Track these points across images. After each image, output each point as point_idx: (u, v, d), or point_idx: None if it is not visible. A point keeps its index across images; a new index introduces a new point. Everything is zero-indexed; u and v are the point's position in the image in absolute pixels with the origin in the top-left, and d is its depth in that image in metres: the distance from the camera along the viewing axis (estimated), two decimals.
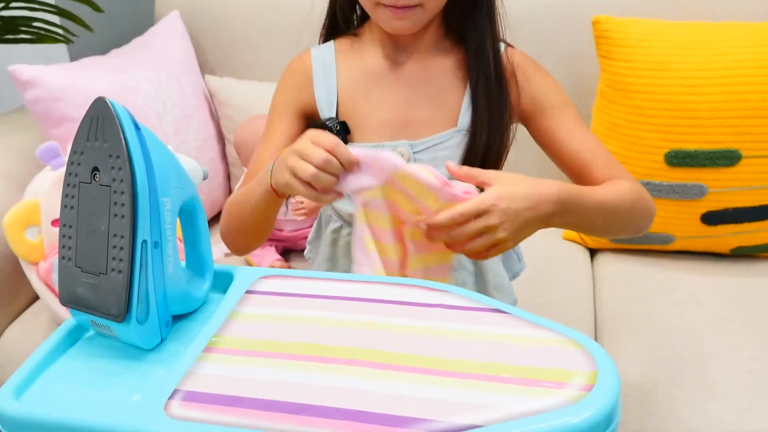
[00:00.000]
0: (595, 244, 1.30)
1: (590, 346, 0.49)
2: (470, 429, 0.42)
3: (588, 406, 0.44)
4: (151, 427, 0.45)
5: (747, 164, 1.11)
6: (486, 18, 0.80)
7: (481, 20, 0.80)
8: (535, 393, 0.45)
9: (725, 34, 1.13)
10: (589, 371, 0.47)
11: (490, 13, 0.80)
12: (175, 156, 0.57)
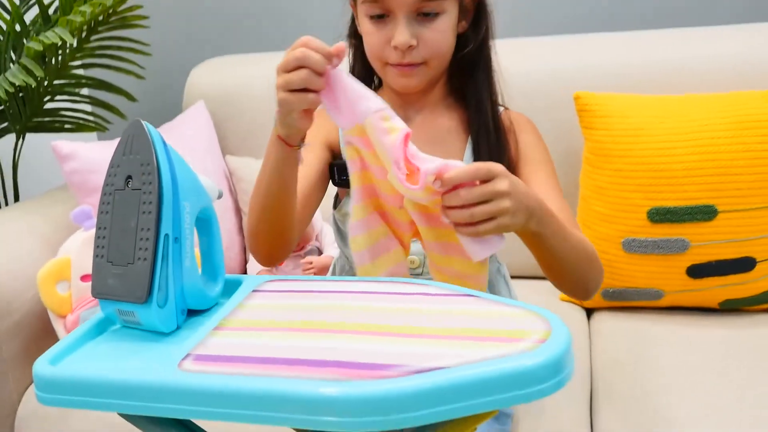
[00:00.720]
0: (590, 304, 1.36)
1: (548, 314, 0.57)
2: (437, 369, 0.49)
3: (540, 353, 0.50)
4: (166, 378, 0.52)
5: (724, 218, 1.19)
6: (484, 76, 0.89)
7: (480, 79, 0.89)
8: (496, 345, 0.52)
9: (692, 104, 1.24)
10: (545, 330, 0.54)
11: (488, 71, 0.90)
12: (195, 173, 0.67)
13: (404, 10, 0.82)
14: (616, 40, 1.47)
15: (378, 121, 0.66)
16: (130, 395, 0.53)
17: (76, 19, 1.29)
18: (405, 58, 0.84)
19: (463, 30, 0.88)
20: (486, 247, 0.67)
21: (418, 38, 0.83)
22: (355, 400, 0.48)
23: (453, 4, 0.84)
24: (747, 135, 1.18)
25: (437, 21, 0.83)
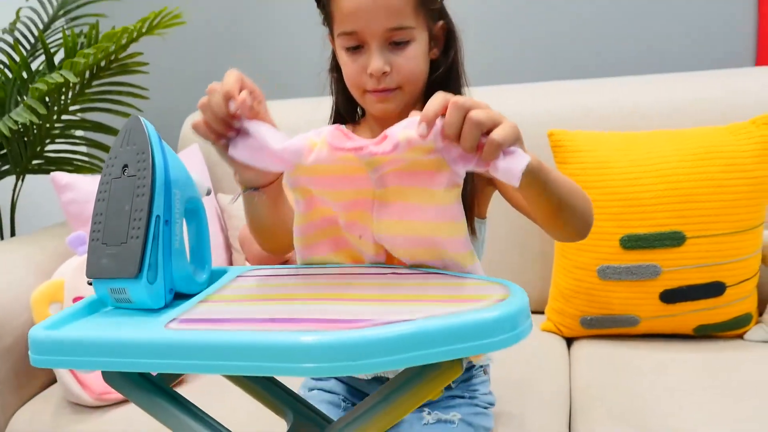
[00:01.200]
0: (570, 333, 1.39)
1: (507, 283, 0.62)
2: (402, 322, 0.54)
3: (498, 309, 0.55)
4: (153, 336, 0.57)
5: (692, 244, 1.24)
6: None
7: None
8: (459, 304, 0.57)
9: (657, 139, 1.32)
10: (504, 293, 0.59)
11: (457, 92, 0.95)
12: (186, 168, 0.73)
13: (376, 40, 0.88)
14: (585, 85, 1.57)
15: (317, 152, 0.63)
16: (119, 353, 0.56)
17: (80, 61, 1.37)
18: (380, 84, 0.89)
19: (435, 56, 0.95)
20: (512, 159, 0.59)
21: (391, 65, 0.89)
22: (328, 347, 0.51)
23: (422, 33, 0.91)
24: (709, 165, 1.25)
25: (408, 48, 0.89)
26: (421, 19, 0.89)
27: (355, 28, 0.88)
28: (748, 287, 1.28)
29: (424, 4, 0.89)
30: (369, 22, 0.87)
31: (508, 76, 1.78)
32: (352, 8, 0.87)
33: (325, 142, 0.61)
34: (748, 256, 1.26)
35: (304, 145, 0.63)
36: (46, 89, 1.38)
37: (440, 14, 0.94)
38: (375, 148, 0.61)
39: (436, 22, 0.93)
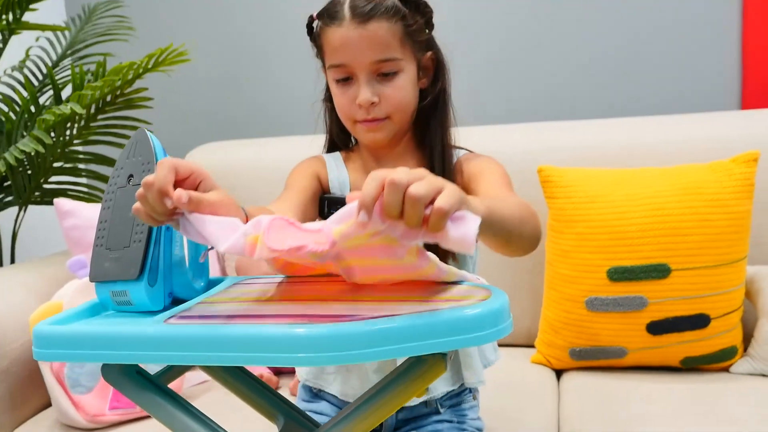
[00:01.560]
0: (559, 365, 1.41)
1: (490, 286, 0.65)
2: (390, 316, 0.57)
3: (480, 306, 0.58)
4: (153, 329, 0.59)
5: (677, 276, 1.28)
6: (437, 125, 0.98)
7: (434, 127, 0.98)
8: (443, 303, 0.60)
9: (643, 175, 1.37)
10: (486, 294, 0.62)
11: (443, 120, 0.99)
12: None
13: (364, 72, 0.92)
14: (576, 125, 1.62)
15: (259, 251, 0.57)
16: (119, 346, 0.59)
17: (88, 94, 1.42)
18: (369, 114, 0.93)
19: (423, 86, 0.99)
20: (462, 226, 0.56)
21: (380, 96, 0.92)
22: (320, 338, 0.54)
23: (410, 63, 0.95)
24: (693, 200, 1.29)
25: (396, 79, 0.93)
26: (407, 50, 0.93)
27: (343, 61, 0.92)
28: (732, 320, 1.31)
29: (411, 36, 0.93)
30: (356, 54, 0.91)
31: (502, 116, 1.84)
32: (340, 42, 0.91)
33: (263, 244, 0.56)
34: (732, 289, 1.30)
35: (245, 244, 0.57)
36: (53, 120, 1.42)
37: (428, 45, 0.98)
38: (314, 246, 0.56)
39: (424, 52, 0.97)
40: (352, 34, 0.90)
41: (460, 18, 1.88)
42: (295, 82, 2.00)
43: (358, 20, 0.90)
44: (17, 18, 1.64)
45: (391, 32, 0.91)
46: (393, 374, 0.62)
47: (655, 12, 1.77)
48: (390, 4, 0.91)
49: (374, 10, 0.90)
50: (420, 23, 0.94)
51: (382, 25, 0.90)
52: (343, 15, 0.91)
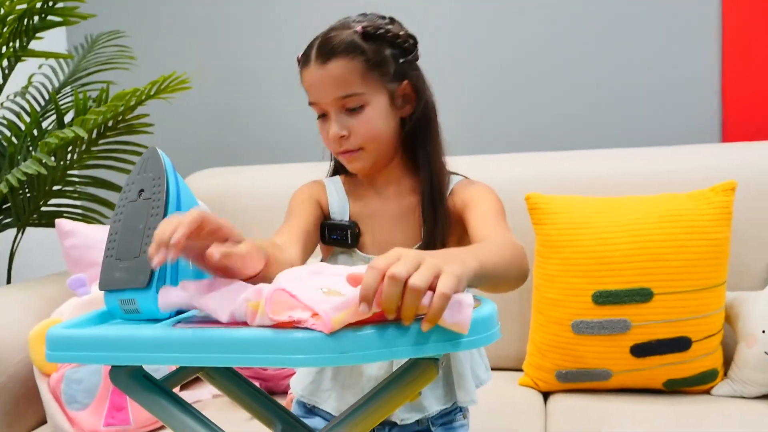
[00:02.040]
0: (546, 387, 1.44)
1: (479, 296, 0.69)
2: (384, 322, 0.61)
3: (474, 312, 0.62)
4: (163, 332, 0.63)
5: (659, 300, 1.32)
6: (424, 149, 1.02)
7: (421, 151, 1.02)
8: None
9: (625, 203, 1.42)
10: (475, 303, 0.66)
11: (426, 145, 1.02)
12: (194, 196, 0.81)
13: (332, 108, 0.97)
14: (563, 156, 1.68)
15: (260, 319, 0.61)
16: (130, 348, 0.63)
17: (91, 118, 1.47)
18: (342, 147, 0.98)
19: (408, 113, 1.02)
20: (458, 312, 0.58)
21: (349, 129, 0.97)
22: (317, 341, 0.58)
23: (378, 95, 0.98)
24: (673, 227, 1.34)
25: (362, 113, 0.97)
26: (372, 83, 0.97)
27: (314, 100, 0.99)
28: (713, 343, 1.35)
29: (375, 68, 0.97)
30: (321, 93, 0.97)
31: (493, 146, 1.90)
32: (309, 82, 0.99)
33: (264, 313, 0.59)
34: (712, 313, 1.34)
35: (246, 310, 0.61)
36: (56, 144, 1.47)
37: (403, 74, 1.00)
38: (311, 324, 0.58)
39: (398, 82, 1.00)
40: (316, 75, 0.97)
41: (453, 51, 1.96)
42: (290, 111, 2.06)
43: (320, 61, 0.96)
44: (23, 45, 1.69)
45: (349, 69, 0.96)
46: (387, 379, 0.66)
47: (639, 49, 1.85)
48: (347, 43, 0.96)
49: (332, 50, 0.95)
50: (385, 55, 0.98)
51: (340, 63, 0.95)
52: (310, 57, 0.97)
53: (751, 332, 1.33)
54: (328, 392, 1.05)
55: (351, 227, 1.02)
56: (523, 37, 1.92)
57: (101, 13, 1.94)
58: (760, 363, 1.31)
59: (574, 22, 1.88)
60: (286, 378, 1.42)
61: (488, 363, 1.11)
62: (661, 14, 1.83)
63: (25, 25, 1.67)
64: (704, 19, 1.80)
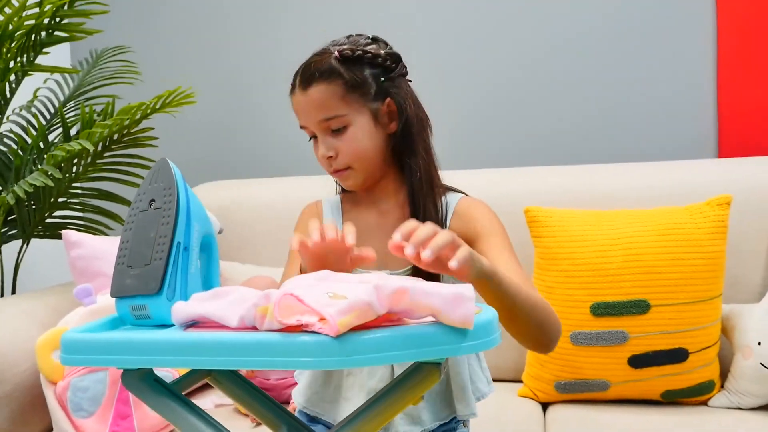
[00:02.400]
0: (545, 398, 1.46)
1: (481, 304, 0.71)
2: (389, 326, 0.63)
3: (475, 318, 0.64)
4: (174, 336, 0.65)
5: (656, 311, 1.34)
6: (408, 164, 1.04)
7: (406, 165, 1.04)
8: None
9: (622, 216, 1.45)
10: (477, 309, 0.68)
11: (413, 159, 1.04)
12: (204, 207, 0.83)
13: (318, 130, 1.02)
14: (560, 170, 1.71)
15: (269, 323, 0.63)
16: (143, 351, 0.64)
17: (98, 131, 1.50)
18: (332, 167, 1.03)
19: (394, 129, 1.04)
20: (459, 304, 0.61)
21: (335, 149, 1.01)
22: (323, 344, 0.60)
23: (360, 115, 1.01)
24: (670, 240, 1.37)
25: (346, 133, 1.01)
26: (353, 104, 1.01)
27: (302, 123, 1.04)
28: (709, 354, 1.37)
29: (354, 90, 1.00)
30: (307, 117, 1.03)
31: (494, 161, 1.93)
32: (295, 108, 1.04)
33: (273, 317, 0.61)
34: (708, 325, 1.36)
35: (255, 314, 0.63)
36: (63, 156, 1.49)
37: (385, 92, 1.03)
38: (318, 328, 0.60)
39: (381, 100, 1.03)
40: (300, 100, 1.02)
41: (451, 65, 1.99)
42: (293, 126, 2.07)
43: (302, 87, 1.01)
44: (30, 60, 1.72)
45: (328, 93, 1.00)
46: (390, 383, 0.68)
47: (636, 65, 1.89)
48: (325, 68, 1.01)
49: (311, 76, 1.01)
50: (363, 76, 1.02)
51: (320, 88, 1.00)
52: (295, 84, 1.03)
53: (747, 344, 1.35)
54: (331, 404, 1.06)
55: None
56: (520, 52, 1.96)
57: (106, 29, 1.97)
58: (757, 375, 1.33)
59: (571, 38, 1.92)
60: (289, 388, 1.43)
61: (490, 376, 1.12)
62: (657, 30, 1.87)
63: (33, 40, 1.70)
64: (700, 35, 1.84)
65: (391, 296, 0.60)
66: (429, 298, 0.61)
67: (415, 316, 0.63)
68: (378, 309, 0.60)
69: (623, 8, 1.89)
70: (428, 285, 0.63)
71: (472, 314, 0.61)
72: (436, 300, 0.61)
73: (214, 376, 0.79)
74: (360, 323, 0.60)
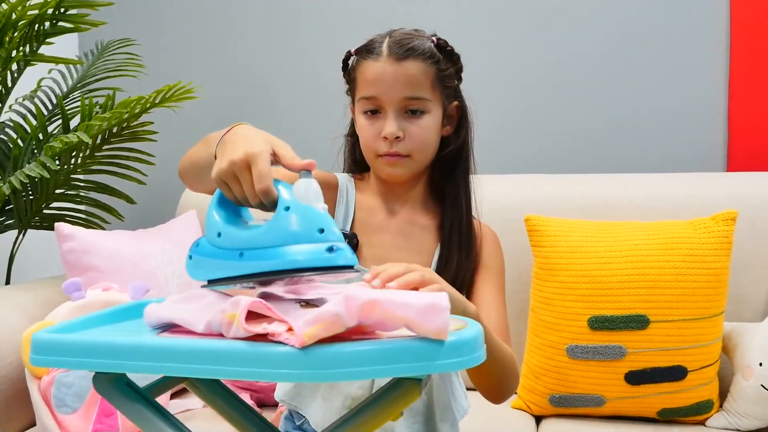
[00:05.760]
0: (539, 411, 1.43)
1: (466, 319, 0.69)
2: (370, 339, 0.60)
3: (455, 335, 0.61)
4: (147, 340, 0.63)
5: (655, 328, 1.31)
6: (462, 177, 1.03)
7: (459, 178, 1.02)
8: None
9: (625, 228, 1.42)
10: (461, 324, 0.66)
11: (466, 173, 1.03)
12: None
13: (393, 107, 0.97)
14: (563, 179, 1.68)
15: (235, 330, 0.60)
16: (113, 355, 0.62)
17: (96, 124, 1.48)
18: (392, 148, 0.97)
19: (447, 134, 1.03)
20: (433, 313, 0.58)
21: (405, 131, 0.97)
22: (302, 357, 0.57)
23: (437, 107, 0.99)
24: (673, 254, 1.34)
25: (422, 119, 0.98)
26: (437, 94, 0.99)
27: (375, 94, 0.98)
28: (709, 373, 1.34)
29: (441, 81, 0.99)
30: (389, 88, 0.97)
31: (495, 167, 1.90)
32: (375, 75, 0.97)
33: (239, 324, 0.59)
34: (709, 343, 1.33)
35: (222, 320, 0.60)
36: (60, 148, 1.48)
37: (455, 94, 1.03)
38: (284, 339, 0.57)
39: (451, 100, 1.02)
40: (388, 69, 0.97)
41: None
42: (299, 122, 2.06)
43: (395, 57, 0.96)
44: (33, 50, 1.71)
45: (424, 73, 0.97)
46: (369, 398, 0.65)
47: (646, 75, 1.85)
48: (427, 48, 0.98)
49: (412, 50, 0.97)
50: (451, 71, 1.01)
51: (417, 65, 0.96)
52: (381, 51, 0.97)
53: (749, 364, 1.32)
54: (309, 398, 1.02)
55: (350, 237, 0.98)
56: (529, 60, 1.93)
57: (112, 21, 1.95)
58: (757, 396, 1.30)
59: (578, 46, 1.89)
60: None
61: (465, 390, 1.07)
62: (669, 40, 1.83)
63: (36, 30, 1.68)
64: (713, 47, 1.80)
65: (361, 308, 0.58)
66: (402, 309, 0.58)
67: (388, 328, 0.61)
68: (347, 321, 0.57)
69: (634, 17, 1.85)
70: (401, 295, 0.60)
71: (446, 325, 0.58)
72: (410, 311, 0.58)
73: (191, 381, 0.77)
74: (328, 335, 0.58)
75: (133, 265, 1.43)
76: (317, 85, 1.99)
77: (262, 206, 0.70)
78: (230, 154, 0.70)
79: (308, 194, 0.68)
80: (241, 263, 0.67)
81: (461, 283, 0.99)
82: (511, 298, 1.12)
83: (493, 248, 1.05)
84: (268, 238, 0.66)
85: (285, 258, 0.65)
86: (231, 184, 0.70)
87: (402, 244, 1.02)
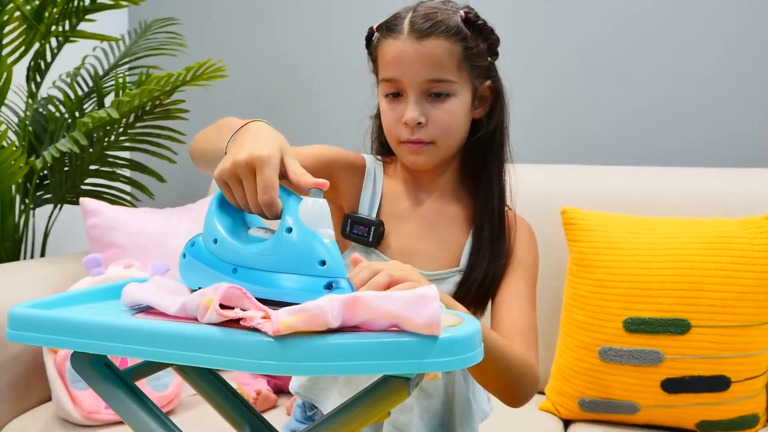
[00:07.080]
0: (568, 415, 1.35)
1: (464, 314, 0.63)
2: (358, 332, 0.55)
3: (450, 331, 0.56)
4: (122, 321, 0.59)
5: (697, 333, 1.22)
6: (496, 164, 0.94)
7: (492, 166, 0.93)
8: None
9: (668, 225, 1.32)
10: (457, 320, 0.60)
11: (500, 159, 0.94)
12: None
13: (415, 90, 0.87)
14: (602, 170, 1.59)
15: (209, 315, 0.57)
16: (89, 335, 0.59)
17: (125, 100, 1.47)
18: (414, 135, 0.87)
19: (479, 116, 0.93)
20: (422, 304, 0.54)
21: (427, 117, 0.87)
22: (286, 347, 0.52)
23: (465, 89, 0.89)
24: (720, 255, 1.24)
25: (447, 102, 0.88)
26: (464, 74, 0.89)
27: (395, 76, 0.88)
28: (756, 386, 1.24)
29: (470, 59, 0.89)
30: (409, 70, 0.87)
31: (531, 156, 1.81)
32: (395, 55, 0.88)
33: (213, 309, 0.56)
34: (757, 353, 1.23)
35: (200, 304, 0.57)
36: (91, 124, 1.47)
37: (488, 73, 0.93)
38: (258, 324, 0.54)
39: (482, 80, 0.92)
40: (408, 49, 0.87)
41: None
42: (332, 107, 2.02)
43: (416, 35, 0.87)
44: (72, 26, 1.71)
45: (448, 52, 0.87)
46: (354, 396, 0.61)
47: (692, 65, 1.73)
48: (452, 24, 0.88)
49: (434, 27, 0.87)
50: (481, 48, 0.91)
51: (440, 43, 0.87)
52: (402, 29, 0.88)
53: None
54: (326, 391, 0.97)
55: (376, 225, 0.92)
56: (572, 39, 1.82)
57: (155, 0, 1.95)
58: None
59: (629, 25, 1.77)
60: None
61: (490, 395, 0.99)
62: (725, 28, 1.71)
63: (76, 6, 1.68)
64: None
65: (342, 306, 0.53)
66: (387, 303, 0.53)
67: (375, 327, 0.55)
68: (329, 319, 0.52)
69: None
70: (385, 291, 0.55)
71: (437, 317, 0.53)
72: (396, 304, 0.53)
73: (179, 366, 0.74)
74: (307, 329, 0.53)
75: (156, 244, 1.41)
76: (351, 67, 1.94)
77: (261, 215, 0.66)
78: (235, 154, 0.65)
79: (315, 217, 0.62)
80: (232, 280, 0.63)
81: (491, 279, 0.91)
82: (542, 295, 1.04)
83: (527, 242, 0.96)
84: (265, 260, 0.63)
85: (278, 288, 0.61)
86: (233, 186, 0.65)
87: (428, 234, 0.94)
